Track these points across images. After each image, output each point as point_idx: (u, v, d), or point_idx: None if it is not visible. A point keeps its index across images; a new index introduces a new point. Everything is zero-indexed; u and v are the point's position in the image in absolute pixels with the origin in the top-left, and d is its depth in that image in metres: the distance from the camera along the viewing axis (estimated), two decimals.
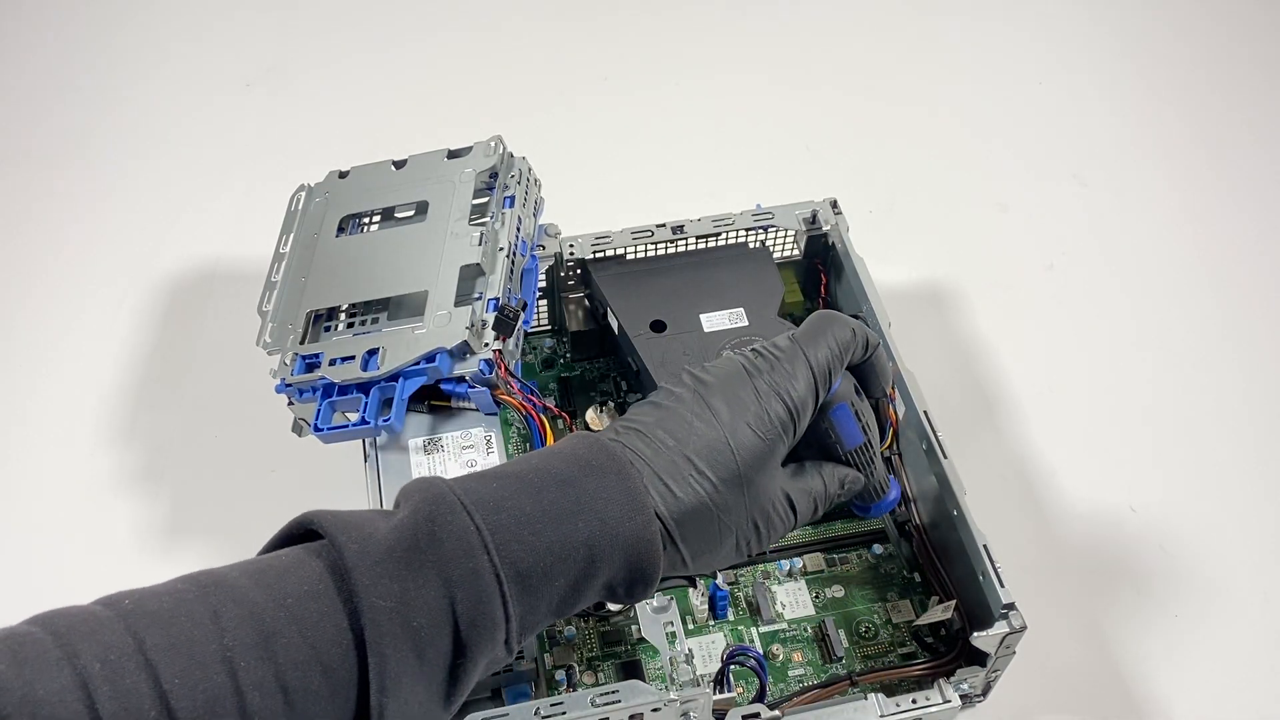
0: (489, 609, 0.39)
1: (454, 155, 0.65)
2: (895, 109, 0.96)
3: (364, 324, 0.61)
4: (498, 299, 0.58)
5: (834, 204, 0.70)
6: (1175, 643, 0.63)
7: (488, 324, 0.57)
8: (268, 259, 0.64)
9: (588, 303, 0.71)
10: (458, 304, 0.57)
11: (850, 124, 0.95)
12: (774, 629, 0.60)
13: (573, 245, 0.68)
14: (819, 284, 0.72)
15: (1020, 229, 0.86)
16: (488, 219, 0.61)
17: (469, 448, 0.57)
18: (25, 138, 0.95)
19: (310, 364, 0.58)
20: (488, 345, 0.56)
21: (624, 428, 0.47)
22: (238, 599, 0.37)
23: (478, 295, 0.58)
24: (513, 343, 0.58)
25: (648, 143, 0.93)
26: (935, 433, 0.59)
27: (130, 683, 0.33)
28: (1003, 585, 0.53)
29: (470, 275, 0.59)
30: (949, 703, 0.53)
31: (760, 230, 0.70)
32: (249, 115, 0.97)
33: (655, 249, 0.69)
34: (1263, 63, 0.99)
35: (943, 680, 0.54)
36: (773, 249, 0.71)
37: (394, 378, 0.56)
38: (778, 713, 0.51)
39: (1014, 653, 0.54)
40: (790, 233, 0.71)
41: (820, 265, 0.72)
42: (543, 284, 0.70)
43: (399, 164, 0.67)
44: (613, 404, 0.69)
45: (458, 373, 0.57)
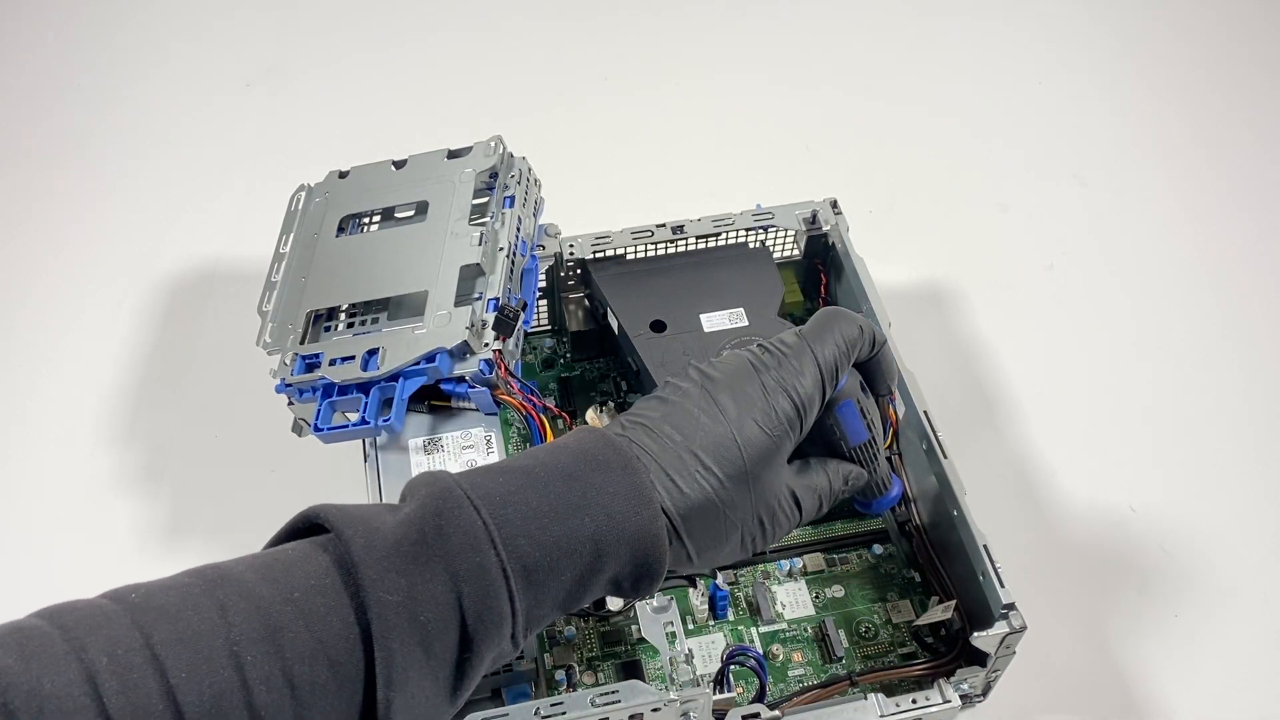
0: (496, 603, 0.39)
1: (454, 155, 0.65)
2: (895, 109, 0.96)
3: (364, 324, 0.61)
4: (498, 299, 0.58)
5: (834, 204, 0.70)
6: (1175, 642, 0.63)
7: (488, 324, 0.57)
8: (268, 259, 0.64)
9: (588, 303, 0.71)
10: (458, 304, 0.57)
11: (850, 124, 0.95)
12: (774, 629, 0.60)
13: (573, 245, 0.68)
14: (819, 284, 0.72)
15: (1020, 229, 0.86)
16: (488, 219, 0.61)
17: (469, 448, 0.57)
18: (25, 138, 0.95)
19: (310, 364, 0.58)
20: (488, 345, 0.56)
21: (630, 422, 0.47)
22: (244, 593, 0.37)
23: (478, 295, 0.58)
24: (513, 343, 0.58)
25: (648, 143, 0.93)
26: (935, 433, 0.59)
27: (137, 677, 0.33)
28: (1003, 585, 0.53)
29: (470, 275, 0.59)
30: (949, 703, 0.53)
31: (760, 230, 0.70)
32: (249, 115, 0.97)
33: (655, 249, 0.69)
34: (1263, 63, 0.99)
35: (943, 680, 0.54)
36: (773, 249, 0.71)
37: (394, 378, 0.56)
38: (778, 713, 0.51)
39: (1014, 653, 0.54)
40: (790, 233, 0.71)
41: (820, 265, 0.72)
42: (543, 284, 0.70)
43: (399, 164, 0.67)
44: (613, 404, 0.69)
45: (458, 373, 0.57)
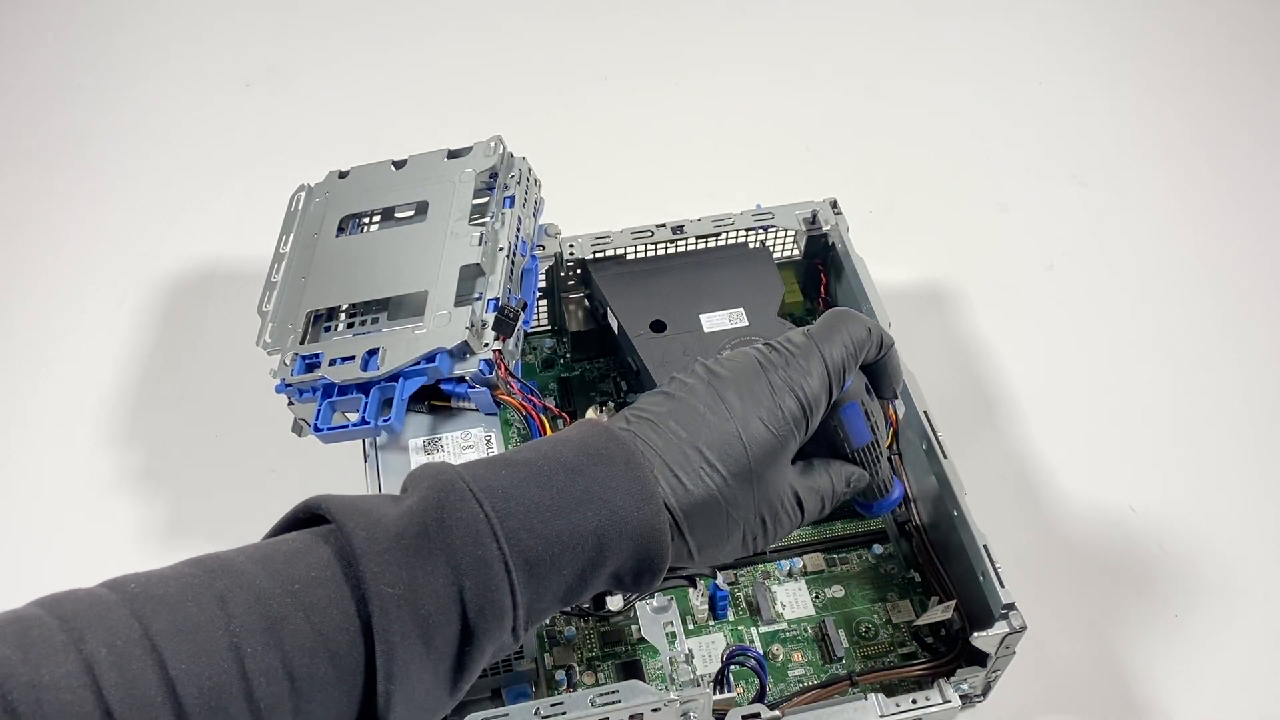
0: (497, 597, 0.39)
1: (454, 155, 0.65)
2: (895, 109, 0.96)
3: (364, 324, 0.61)
4: (498, 299, 0.58)
5: (834, 204, 0.70)
6: (1175, 642, 0.63)
7: (488, 324, 0.57)
8: (268, 259, 0.64)
9: (588, 303, 0.71)
10: (458, 304, 0.57)
11: (850, 124, 0.95)
12: (774, 629, 0.60)
13: (573, 245, 0.68)
14: (819, 284, 0.72)
15: (1020, 229, 0.86)
16: (488, 219, 0.61)
17: (469, 448, 0.57)
18: (25, 138, 0.95)
19: (310, 364, 0.58)
20: (488, 345, 0.56)
21: (635, 416, 0.46)
22: (245, 584, 0.37)
23: (478, 295, 0.58)
24: (513, 343, 0.58)
25: (648, 143, 0.93)
26: (935, 433, 0.59)
27: (137, 668, 0.33)
28: (1003, 585, 0.53)
29: (470, 275, 0.59)
30: (949, 703, 0.53)
31: (760, 230, 0.70)
32: (249, 115, 0.97)
33: (655, 249, 0.69)
34: (1263, 63, 0.99)
35: (943, 680, 0.54)
36: (773, 249, 0.71)
37: (394, 378, 0.56)
38: (778, 713, 0.51)
39: (1014, 653, 0.54)
40: (790, 233, 0.71)
41: (820, 265, 0.72)
42: (543, 284, 0.70)
43: (399, 164, 0.67)
44: (613, 404, 0.69)
45: (458, 373, 0.57)
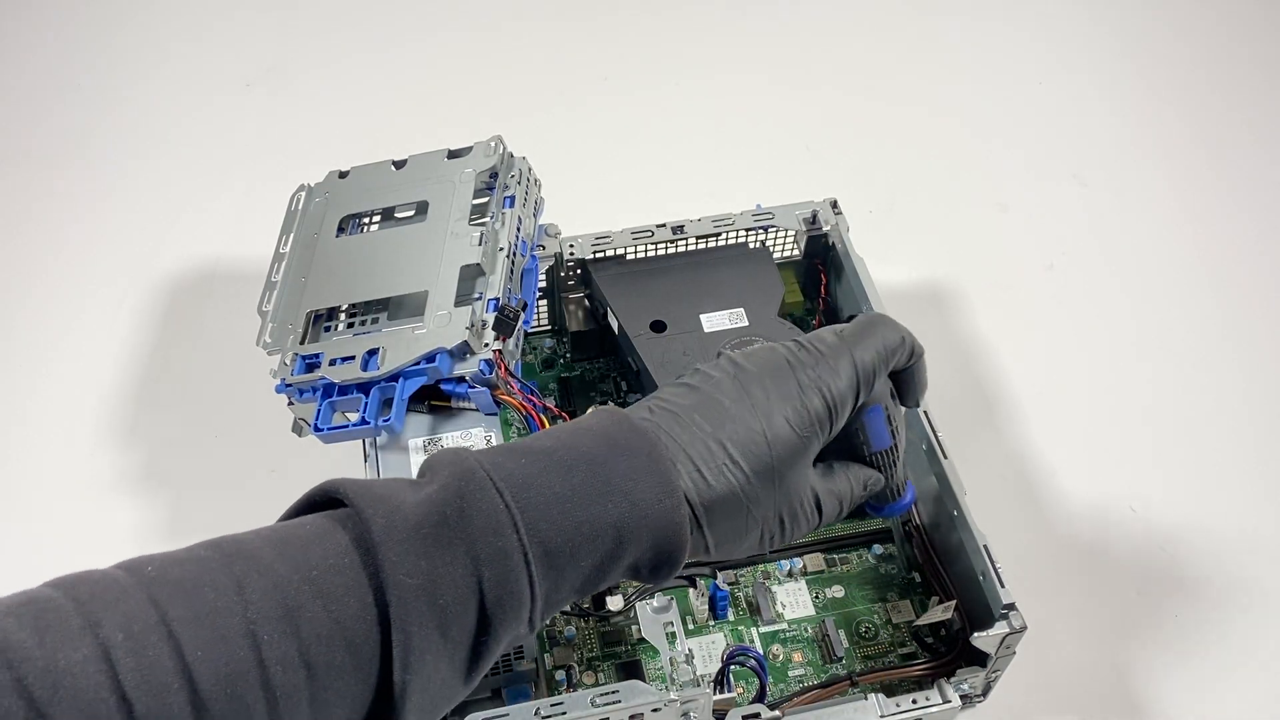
0: (516, 588, 0.39)
1: (454, 155, 0.65)
2: (895, 109, 0.96)
3: (364, 324, 0.61)
4: (498, 299, 0.58)
5: (834, 204, 0.70)
6: (1175, 642, 0.63)
7: (488, 324, 0.57)
8: (268, 259, 0.64)
9: (588, 303, 0.71)
10: (458, 304, 0.57)
11: (850, 124, 0.95)
12: (774, 629, 0.60)
13: (573, 245, 0.68)
14: (819, 284, 0.72)
15: (1020, 229, 0.86)
16: (488, 219, 0.61)
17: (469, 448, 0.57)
18: (25, 138, 0.95)
19: (310, 364, 0.58)
20: (488, 345, 0.56)
21: (657, 407, 0.46)
22: (262, 570, 0.36)
23: (478, 295, 0.58)
24: (513, 343, 0.58)
25: (648, 143, 0.93)
26: (935, 433, 0.59)
27: (153, 655, 0.33)
28: (1003, 585, 0.53)
29: (470, 275, 0.59)
30: (949, 703, 0.53)
31: (760, 230, 0.70)
32: (249, 115, 0.97)
33: (655, 249, 0.69)
34: (1263, 63, 0.99)
35: (943, 680, 0.54)
36: (773, 249, 0.71)
37: (394, 378, 0.56)
38: (778, 713, 0.51)
39: (1014, 653, 0.54)
40: (790, 233, 0.71)
41: (820, 265, 0.72)
42: (543, 284, 0.70)
43: (399, 164, 0.67)
44: (613, 404, 0.69)
45: (458, 373, 0.57)
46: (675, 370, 0.62)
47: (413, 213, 0.64)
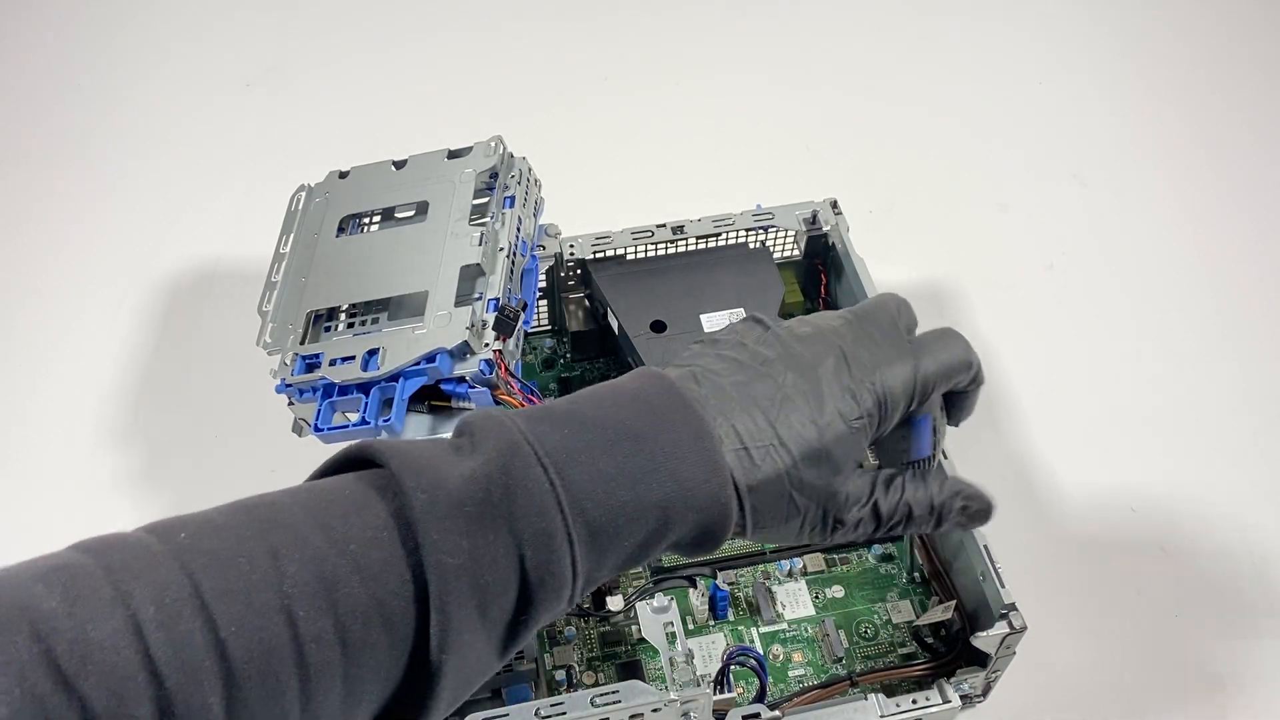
0: (558, 569, 0.38)
1: (454, 155, 0.65)
2: (895, 109, 0.96)
3: (364, 324, 0.61)
4: (498, 299, 0.58)
5: (834, 204, 0.70)
6: (1175, 643, 0.63)
7: (488, 324, 0.57)
8: (268, 259, 0.64)
9: (588, 303, 0.71)
10: (458, 304, 0.57)
11: (850, 124, 0.95)
12: (774, 629, 0.60)
13: (573, 245, 0.68)
14: (819, 284, 0.72)
15: (1020, 229, 0.86)
16: (488, 219, 0.61)
17: None
18: (25, 138, 0.95)
19: (310, 364, 0.58)
20: (488, 345, 0.56)
21: (705, 378, 0.44)
22: (298, 541, 0.35)
23: (478, 295, 0.58)
24: (513, 343, 0.58)
25: (648, 143, 0.93)
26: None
27: (185, 629, 0.32)
28: (1003, 586, 0.53)
29: (470, 275, 0.59)
30: (949, 703, 0.53)
31: (760, 230, 0.70)
32: (249, 115, 0.97)
33: (655, 249, 0.69)
34: (1263, 63, 0.99)
35: (943, 680, 0.54)
36: (773, 249, 0.71)
37: (394, 378, 0.56)
38: (778, 713, 0.51)
39: (1014, 653, 0.54)
40: (790, 233, 0.71)
41: (820, 265, 0.72)
42: (543, 284, 0.70)
43: (399, 164, 0.66)
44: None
45: (458, 373, 0.57)
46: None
47: (413, 213, 0.64)
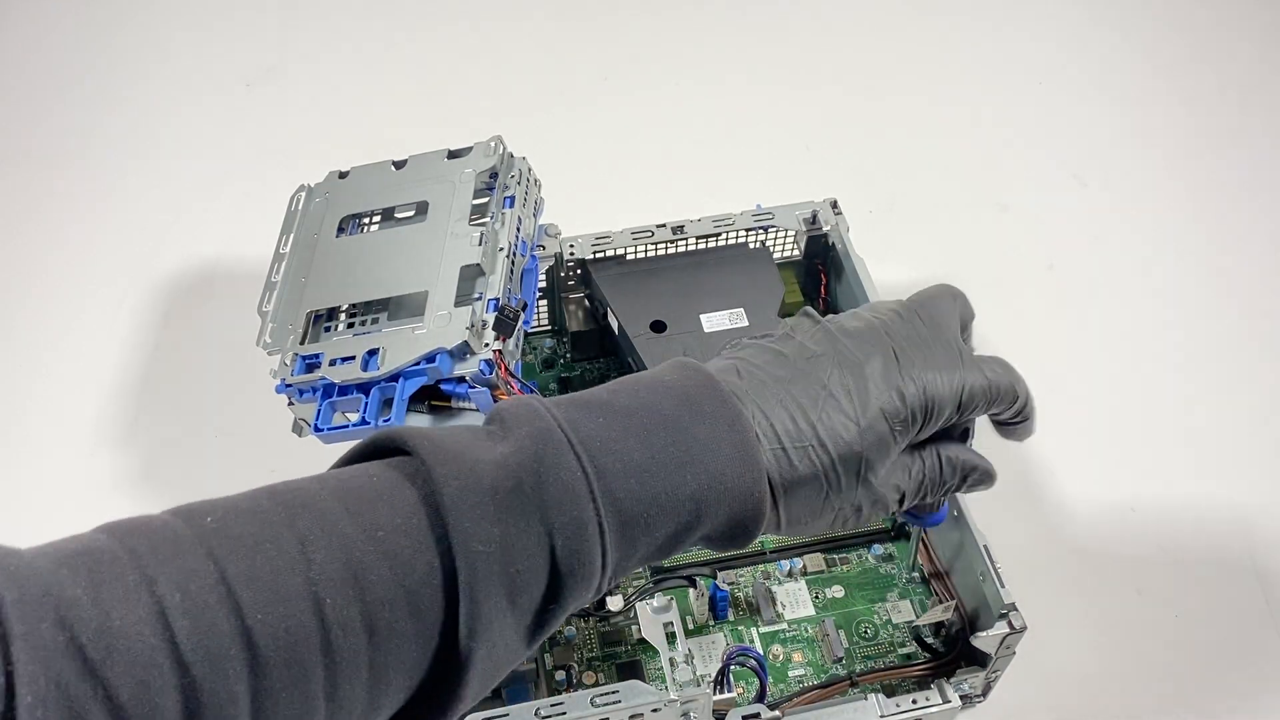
0: (588, 558, 0.38)
1: (454, 155, 0.65)
2: (895, 109, 0.96)
3: (364, 324, 0.61)
4: (498, 299, 0.58)
5: (834, 204, 0.70)
6: (1175, 643, 0.63)
7: (488, 324, 0.57)
8: (268, 259, 0.64)
9: (588, 303, 0.71)
10: (458, 304, 0.57)
11: (850, 124, 0.95)
12: (774, 629, 0.60)
13: (573, 245, 0.68)
14: (819, 284, 0.72)
15: (1020, 229, 0.86)
16: (488, 219, 0.61)
17: None
18: (25, 138, 0.95)
19: (310, 364, 0.58)
20: (488, 345, 0.56)
21: (747, 371, 0.44)
22: (326, 527, 0.35)
23: (478, 295, 0.58)
24: (513, 343, 0.58)
25: (648, 143, 0.93)
26: None
27: (211, 616, 0.32)
28: (1003, 586, 0.53)
29: (470, 275, 0.59)
30: (949, 703, 0.53)
31: (760, 230, 0.70)
32: (249, 115, 0.97)
33: (655, 249, 0.69)
34: (1263, 62, 0.99)
35: (943, 680, 0.54)
36: (773, 249, 0.71)
37: (394, 378, 0.56)
38: (778, 713, 0.51)
39: (1014, 653, 0.54)
40: (790, 233, 0.71)
41: (820, 265, 0.72)
42: (543, 284, 0.70)
43: (399, 164, 0.67)
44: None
45: (458, 373, 0.57)
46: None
47: (413, 213, 0.64)
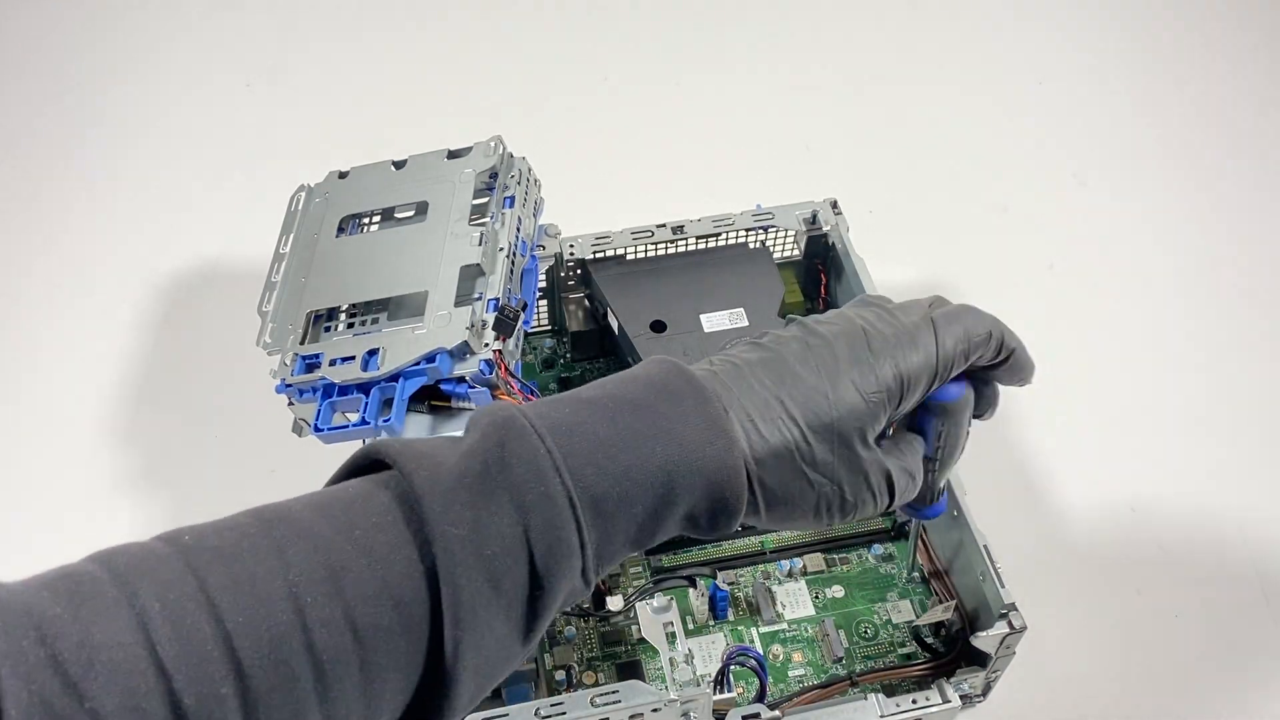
0: (564, 534, 0.38)
1: (454, 155, 0.65)
2: (895, 109, 0.96)
3: (364, 324, 0.61)
4: (498, 299, 0.58)
5: (834, 204, 0.70)
6: (1175, 642, 0.63)
7: (488, 324, 0.57)
8: (268, 259, 0.64)
9: (588, 303, 0.71)
10: (458, 304, 0.57)
11: (850, 124, 0.95)
12: (774, 629, 0.60)
13: (573, 245, 0.68)
14: (819, 284, 0.72)
15: (1020, 229, 0.86)
16: (488, 219, 0.61)
17: None
18: (25, 137, 0.95)
19: (310, 364, 0.58)
20: (488, 345, 0.56)
21: (721, 359, 0.44)
22: (303, 532, 0.35)
23: (478, 295, 0.58)
24: (513, 343, 0.58)
25: (648, 143, 0.93)
26: None
27: (191, 623, 0.32)
28: (1003, 586, 0.53)
29: (470, 275, 0.59)
30: (949, 703, 0.53)
31: (760, 230, 0.70)
32: (249, 115, 0.97)
33: (655, 249, 0.69)
34: (1263, 62, 0.99)
35: (943, 680, 0.54)
36: (773, 249, 0.71)
37: (394, 378, 0.56)
38: (778, 713, 0.51)
39: (1014, 653, 0.54)
40: (790, 233, 0.71)
41: (820, 265, 0.72)
42: (543, 284, 0.70)
43: (399, 164, 0.67)
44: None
45: (458, 373, 0.57)
46: None
47: (413, 213, 0.64)
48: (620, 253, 0.69)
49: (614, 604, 0.57)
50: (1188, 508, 0.69)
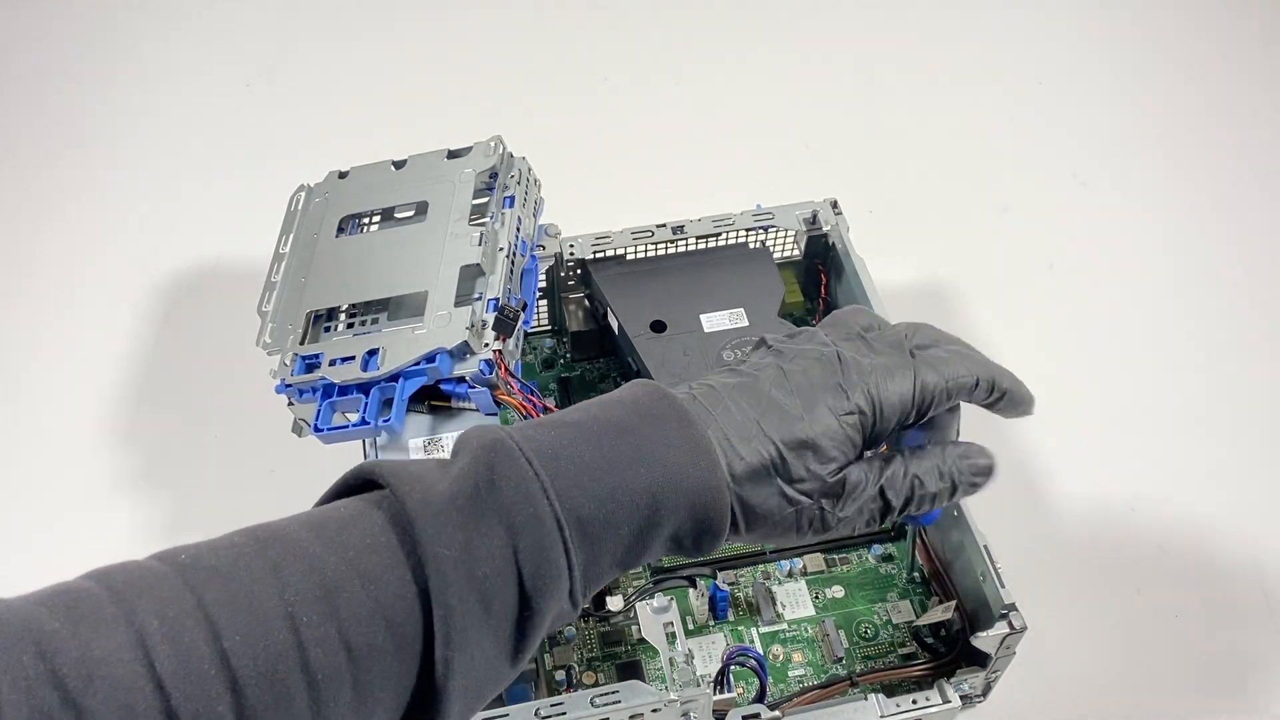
0: (552, 556, 0.38)
1: (454, 155, 0.65)
2: (895, 109, 0.96)
3: (364, 324, 0.61)
4: (498, 299, 0.58)
5: (834, 204, 0.70)
6: (1175, 643, 0.63)
7: (488, 324, 0.57)
8: (268, 259, 0.64)
9: (588, 303, 0.71)
10: (458, 304, 0.57)
11: (850, 124, 0.95)
12: (774, 629, 0.60)
13: (573, 245, 0.68)
14: (819, 284, 0.72)
15: (1020, 229, 0.86)
16: (488, 219, 0.61)
17: None
18: (25, 137, 0.95)
19: (310, 364, 0.58)
20: (488, 345, 0.56)
21: (699, 384, 0.46)
22: (298, 553, 0.36)
23: (478, 295, 0.58)
24: (513, 343, 0.58)
25: (648, 143, 0.93)
26: None
27: (189, 640, 0.32)
28: (1003, 586, 0.53)
29: (470, 275, 0.59)
30: (949, 703, 0.53)
31: (760, 230, 0.70)
32: (249, 115, 0.97)
33: (655, 249, 0.69)
34: (1263, 62, 0.99)
35: (943, 680, 0.54)
36: (773, 249, 0.71)
37: (394, 378, 0.56)
38: (778, 713, 0.51)
39: (1014, 653, 0.54)
40: (790, 233, 0.71)
41: (820, 265, 0.72)
42: (543, 284, 0.70)
43: (399, 164, 0.67)
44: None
45: (458, 373, 0.57)
46: (675, 371, 0.62)
47: (412, 213, 0.64)
48: (620, 253, 0.69)
49: (614, 604, 0.57)
50: (1188, 508, 0.69)
